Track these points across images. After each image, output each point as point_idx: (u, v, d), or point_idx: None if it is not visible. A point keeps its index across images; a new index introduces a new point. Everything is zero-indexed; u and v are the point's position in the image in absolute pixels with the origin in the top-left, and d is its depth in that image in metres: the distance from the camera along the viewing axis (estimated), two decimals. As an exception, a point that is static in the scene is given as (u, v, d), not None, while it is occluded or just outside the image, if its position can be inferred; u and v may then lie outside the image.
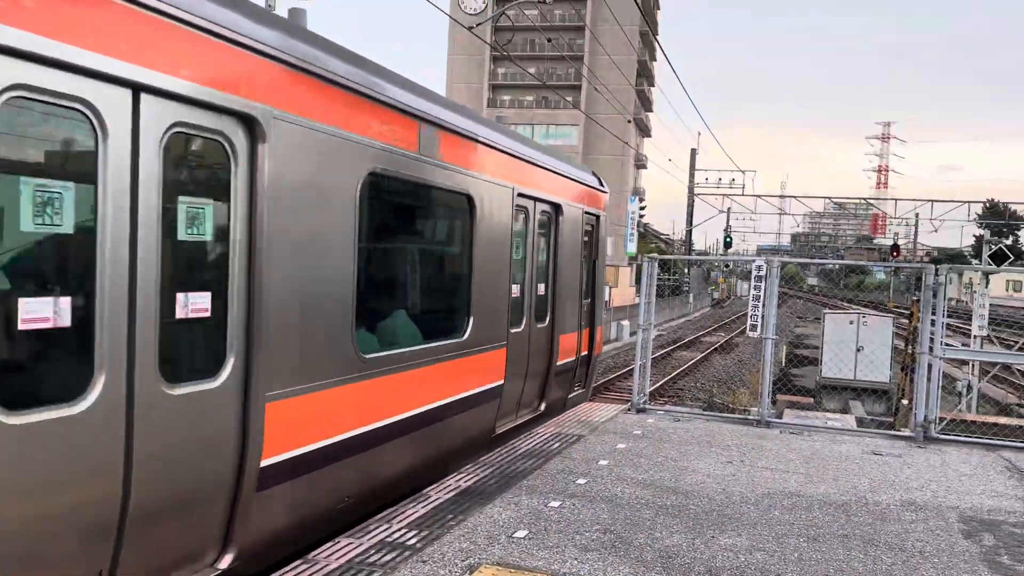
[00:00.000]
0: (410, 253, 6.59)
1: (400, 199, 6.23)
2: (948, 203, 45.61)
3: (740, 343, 33.36)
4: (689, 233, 53.75)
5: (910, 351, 11.96)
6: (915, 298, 10.62)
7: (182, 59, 3.80)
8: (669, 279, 65.44)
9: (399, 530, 5.10)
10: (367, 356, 5.37)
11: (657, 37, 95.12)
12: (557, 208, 8.95)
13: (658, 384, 18.82)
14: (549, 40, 63.73)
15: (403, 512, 5.46)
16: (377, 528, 5.13)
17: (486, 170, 7.13)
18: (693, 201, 46.14)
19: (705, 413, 9.87)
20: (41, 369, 3.41)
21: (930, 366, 8.72)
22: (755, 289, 8.48)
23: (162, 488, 3.85)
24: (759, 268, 8.51)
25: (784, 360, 24.13)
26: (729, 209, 52.48)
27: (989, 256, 19.29)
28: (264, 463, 4.43)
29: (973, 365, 16.06)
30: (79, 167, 3.49)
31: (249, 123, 4.27)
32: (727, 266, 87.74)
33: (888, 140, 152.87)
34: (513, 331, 7.91)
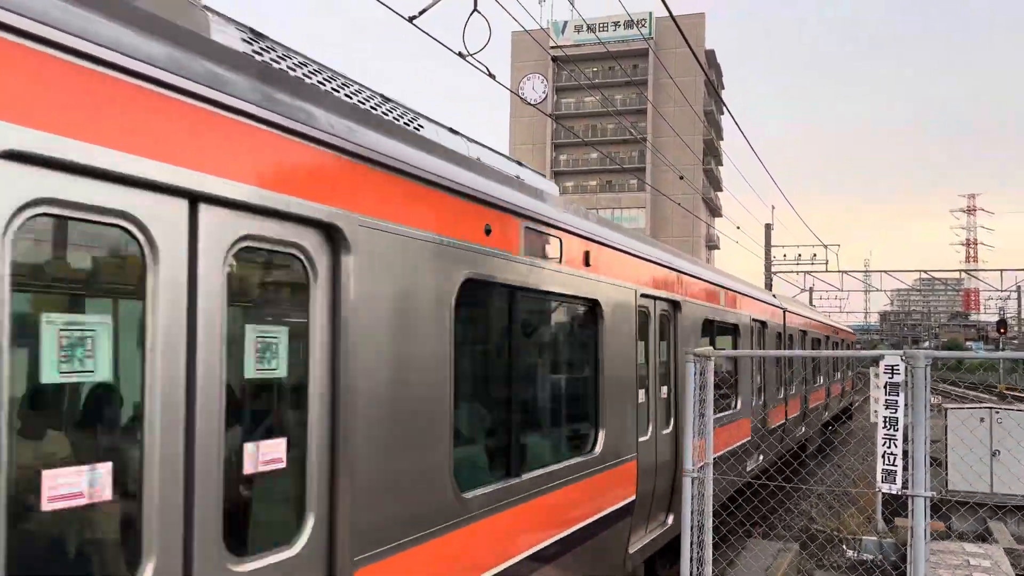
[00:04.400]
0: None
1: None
2: (1065, 271, 40.30)
3: (835, 442, 28.73)
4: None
5: None
6: None
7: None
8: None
9: None
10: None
11: (722, 115, 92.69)
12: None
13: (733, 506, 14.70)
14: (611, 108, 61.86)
15: None
16: None
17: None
18: (771, 280, 41.95)
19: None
20: None
21: None
22: (889, 408, 4.74)
23: None
24: (892, 371, 4.78)
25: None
26: (812, 287, 48.02)
27: None
28: None
29: None
30: None
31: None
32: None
33: (974, 212, 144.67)
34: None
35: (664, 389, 8.22)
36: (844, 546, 13.00)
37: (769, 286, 40.56)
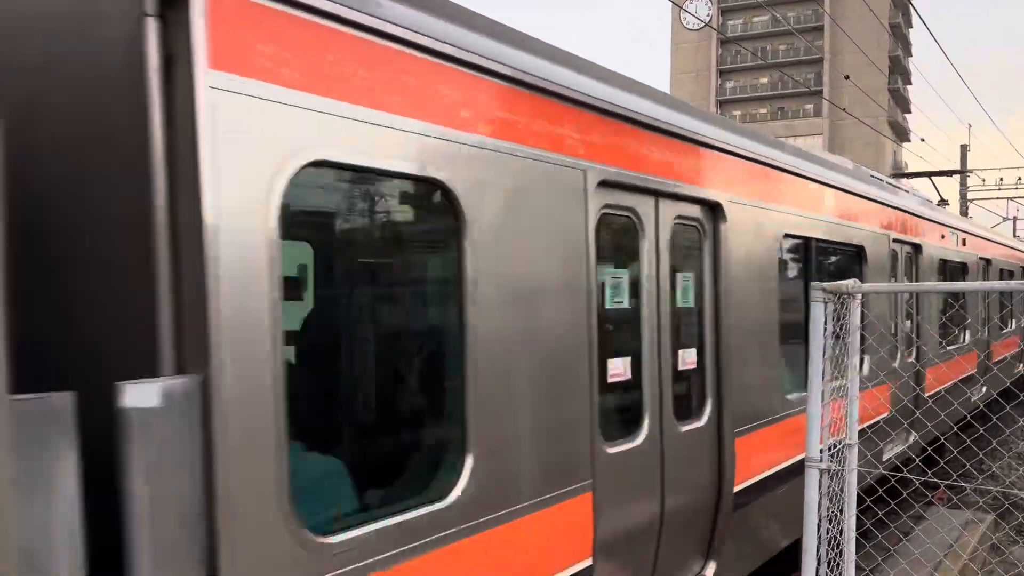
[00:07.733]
0: None
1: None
2: None
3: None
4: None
5: None
6: None
7: None
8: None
9: None
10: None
11: (911, 28, 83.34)
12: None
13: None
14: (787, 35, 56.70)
15: None
16: None
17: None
18: (967, 209, 36.98)
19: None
20: None
21: None
22: None
23: None
24: None
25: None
26: (1015, 217, 42.23)
27: None
28: None
29: None
30: None
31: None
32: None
33: None
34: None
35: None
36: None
37: (965, 214, 35.78)
